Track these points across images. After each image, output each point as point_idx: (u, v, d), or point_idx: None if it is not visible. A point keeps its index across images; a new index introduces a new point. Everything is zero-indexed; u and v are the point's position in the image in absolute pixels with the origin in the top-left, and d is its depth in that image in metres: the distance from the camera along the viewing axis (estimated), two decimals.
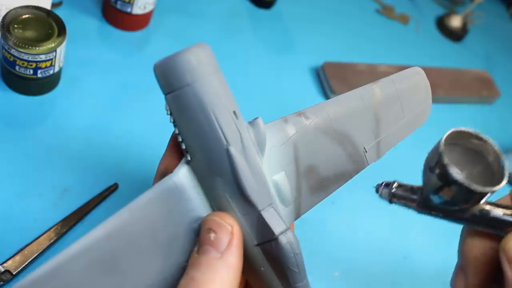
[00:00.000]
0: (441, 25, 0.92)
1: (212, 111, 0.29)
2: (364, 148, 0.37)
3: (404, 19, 0.90)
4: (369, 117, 0.37)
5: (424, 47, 0.87)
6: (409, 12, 0.92)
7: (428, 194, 0.31)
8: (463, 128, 0.31)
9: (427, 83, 0.41)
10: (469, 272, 0.32)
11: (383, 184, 0.34)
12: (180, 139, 0.31)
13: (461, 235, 0.34)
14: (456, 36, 0.91)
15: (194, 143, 0.30)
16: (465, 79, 0.82)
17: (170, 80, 0.30)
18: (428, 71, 0.42)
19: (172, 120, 0.31)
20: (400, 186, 0.34)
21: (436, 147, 0.30)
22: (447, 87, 0.80)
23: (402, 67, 0.76)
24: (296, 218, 0.34)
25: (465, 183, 0.28)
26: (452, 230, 0.70)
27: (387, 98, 0.37)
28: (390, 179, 0.34)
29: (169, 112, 0.31)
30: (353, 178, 0.37)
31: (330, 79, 0.70)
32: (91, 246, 0.28)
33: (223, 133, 0.29)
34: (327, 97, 0.71)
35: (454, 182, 0.29)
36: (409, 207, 0.33)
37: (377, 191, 0.35)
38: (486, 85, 0.83)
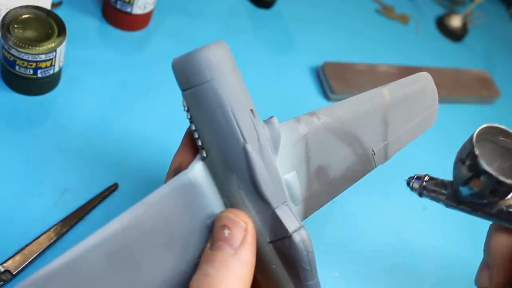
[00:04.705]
0: (441, 25, 0.92)
1: (230, 108, 0.29)
2: (373, 150, 0.37)
3: (404, 19, 0.90)
4: (378, 120, 0.37)
5: (424, 47, 0.87)
6: (409, 12, 0.92)
7: (458, 186, 0.32)
8: (494, 124, 0.32)
9: (434, 87, 0.41)
10: (495, 268, 0.33)
11: (414, 177, 0.36)
12: (196, 136, 0.31)
13: (488, 232, 0.34)
14: (456, 36, 0.91)
15: (210, 139, 0.30)
16: (465, 79, 0.82)
17: (189, 77, 0.30)
18: (428, 71, 0.42)
19: (189, 117, 0.31)
20: (431, 179, 0.35)
21: (469, 140, 0.31)
22: (447, 87, 0.80)
23: (402, 67, 0.77)
24: (304, 218, 0.34)
25: (493, 174, 0.30)
26: (453, 230, 0.70)
27: (395, 102, 0.38)
28: (397, 179, 0.35)
29: (186, 109, 0.31)
30: None
31: (330, 79, 0.70)
32: (107, 239, 0.28)
33: (240, 130, 0.30)
34: (327, 97, 0.71)
35: (484, 172, 0.30)
36: (438, 200, 0.35)
37: (408, 184, 0.36)
38: (486, 85, 0.83)
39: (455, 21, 0.91)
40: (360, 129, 0.36)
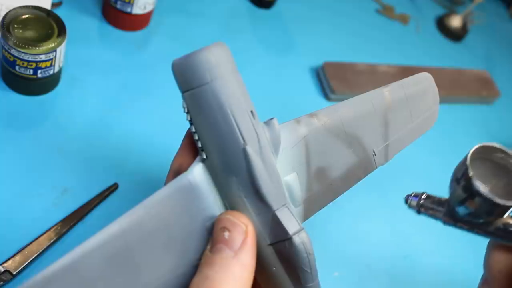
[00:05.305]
0: (441, 25, 0.92)
1: (230, 110, 0.29)
2: (373, 151, 0.37)
3: (404, 19, 0.90)
4: (379, 121, 0.37)
5: (424, 47, 0.87)
6: (409, 12, 0.92)
7: (454, 205, 0.32)
8: (489, 144, 0.32)
9: (435, 88, 0.41)
10: (494, 285, 0.32)
11: (412, 195, 0.36)
12: (196, 138, 0.31)
13: (487, 249, 0.34)
14: (456, 36, 0.91)
15: (210, 141, 0.30)
16: (465, 79, 0.82)
17: (189, 78, 0.30)
18: (428, 71, 0.42)
19: (188, 118, 0.31)
20: (428, 197, 0.35)
21: (463, 160, 0.31)
22: (447, 87, 0.80)
23: (402, 67, 0.77)
24: (305, 219, 0.34)
25: (488, 196, 0.29)
26: (453, 231, 0.70)
27: (396, 102, 0.38)
28: (397, 179, 0.35)
29: (186, 110, 0.31)
30: None
31: (330, 79, 0.70)
32: (107, 242, 0.28)
33: (240, 132, 0.29)
34: (327, 97, 0.71)
35: (478, 194, 0.30)
36: (436, 218, 0.35)
37: (406, 201, 0.36)
38: (486, 85, 0.83)
39: (455, 21, 0.91)
40: (361, 130, 0.36)
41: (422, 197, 0.35)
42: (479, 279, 0.36)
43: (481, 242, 0.36)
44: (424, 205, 0.35)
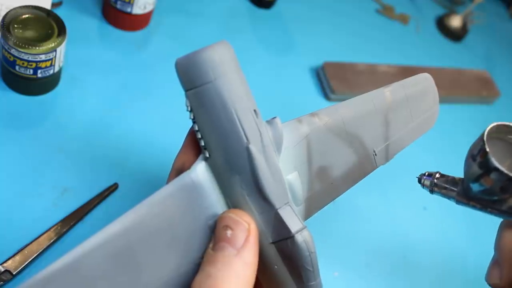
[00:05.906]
0: (441, 25, 0.92)
1: (233, 108, 0.29)
2: (374, 151, 0.37)
3: (404, 19, 0.90)
4: (380, 121, 0.37)
5: (424, 47, 0.87)
6: (409, 12, 0.92)
7: (468, 182, 0.33)
8: (506, 123, 0.33)
9: (435, 89, 0.42)
10: (505, 266, 0.33)
11: (425, 174, 0.36)
12: (199, 136, 0.31)
13: (498, 229, 0.34)
14: (456, 36, 0.91)
15: (213, 140, 0.30)
16: (465, 79, 0.82)
17: (192, 77, 0.30)
18: (428, 71, 0.42)
19: (191, 117, 0.31)
20: (442, 176, 0.35)
21: (480, 137, 0.32)
22: (447, 87, 0.80)
23: (402, 67, 0.77)
24: (306, 218, 0.34)
25: (504, 171, 0.30)
26: (453, 231, 0.70)
27: (397, 103, 0.38)
28: (397, 179, 0.35)
29: (189, 109, 0.31)
30: None
31: (330, 79, 0.70)
32: (109, 240, 0.28)
33: (243, 131, 0.30)
34: (327, 97, 0.71)
35: (494, 169, 0.30)
36: (449, 197, 0.35)
37: (419, 181, 0.36)
38: (486, 85, 0.83)
39: (455, 21, 0.91)
40: (362, 129, 0.36)
41: (436, 176, 0.35)
42: (480, 279, 0.36)
43: (481, 240, 0.36)
44: (438, 184, 0.35)
